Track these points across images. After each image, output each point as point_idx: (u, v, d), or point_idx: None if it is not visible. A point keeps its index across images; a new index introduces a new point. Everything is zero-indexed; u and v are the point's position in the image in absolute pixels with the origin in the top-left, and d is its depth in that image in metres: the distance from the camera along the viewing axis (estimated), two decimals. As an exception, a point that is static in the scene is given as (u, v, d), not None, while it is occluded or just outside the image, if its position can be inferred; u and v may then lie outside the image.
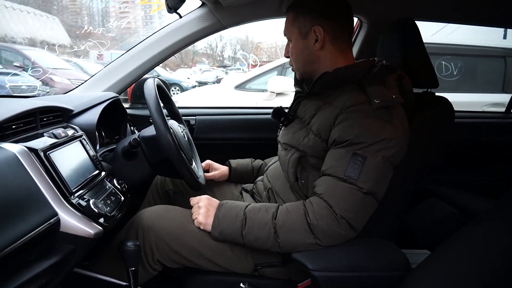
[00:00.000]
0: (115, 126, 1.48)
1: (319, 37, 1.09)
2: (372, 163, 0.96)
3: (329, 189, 0.98)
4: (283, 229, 0.99)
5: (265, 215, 1.02)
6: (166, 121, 1.14)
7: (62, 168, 0.89)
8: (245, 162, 1.53)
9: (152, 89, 1.18)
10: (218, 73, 14.58)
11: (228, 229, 1.05)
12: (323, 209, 0.97)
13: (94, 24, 17.01)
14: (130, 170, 1.23)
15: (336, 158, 1.00)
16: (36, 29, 12.50)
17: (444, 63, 3.67)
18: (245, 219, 1.03)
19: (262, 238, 1.01)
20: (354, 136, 0.97)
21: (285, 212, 1.02)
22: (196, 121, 1.81)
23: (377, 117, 0.98)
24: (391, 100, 1.00)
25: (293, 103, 1.22)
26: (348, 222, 0.96)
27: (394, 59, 1.23)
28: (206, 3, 1.48)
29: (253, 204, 1.08)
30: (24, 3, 14.47)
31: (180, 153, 1.17)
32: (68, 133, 1.01)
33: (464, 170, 1.96)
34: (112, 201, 1.00)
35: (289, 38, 1.17)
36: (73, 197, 0.86)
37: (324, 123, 1.04)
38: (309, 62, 1.13)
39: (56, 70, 6.63)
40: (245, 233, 1.03)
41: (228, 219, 1.05)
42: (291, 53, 1.16)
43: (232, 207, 1.07)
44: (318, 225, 0.96)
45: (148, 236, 1.09)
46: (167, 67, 13.98)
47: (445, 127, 1.22)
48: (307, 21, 1.10)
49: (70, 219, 0.83)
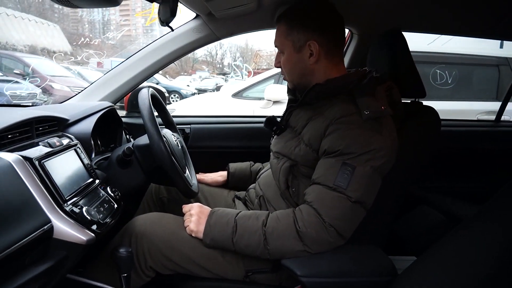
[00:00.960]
0: (111, 135, 1.51)
1: (314, 52, 1.10)
2: (361, 173, 0.99)
3: (318, 198, 1.00)
4: (272, 236, 1.01)
5: (255, 222, 1.04)
6: (159, 130, 1.17)
7: (56, 176, 0.91)
8: (244, 166, 1.55)
9: (146, 98, 1.21)
10: (217, 81, 14.65)
11: (219, 236, 1.07)
12: (312, 216, 0.99)
13: (95, 32, 17.07)
14: (124, 178, 1.25)
15: (326, 167, 1.02)
16: (37, 36, 12.59)
17: (439, 71, 3.71)
18: (235, 226, 1.05)
19: (252, 245, 1.03)
20: (344, 147, 0.99)
21: (275, 219, 1.04)
22: (191, 129, 1.84)
23: (367, 128, 1.01)
24: (380, 111, 1.03)
25: (285, 112, 1.24)
26: (336, 230, 0.98)
27: (383, 70, 1.26)
28: (200, 15, 1.52)
29: (244, 212, 1.10)
30: (25, 11, 14.58)
31: (173, 161, 1.20)
32: (63, 142, 1.04)
33: (454, 178, 1.98)
34: (105, 208, 1.02)
35: (281, 50, 1.17)
36: (66, 204, 0.89)
37: (315, 134, 1.06)
38: (303, 75, 1.15)
39: (56, 78, 6.68)
40: (235, 240, 1.04)
41: (219, 226, 1.07)
42: (284, 65, 1.17)
43: (223, 215, 1.09)
44: (307, 233, 0.98)
45: (141, 242, 1.11)
46: (167, 75, 14.06)
47: (432, 135, 1.24)
48: (301, 35, 1.10)
49: (63, 226, 0.85)
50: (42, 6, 17.16)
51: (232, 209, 1.16)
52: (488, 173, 1.90)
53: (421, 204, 1.70)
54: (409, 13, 1.53)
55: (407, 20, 1.58)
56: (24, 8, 14.29)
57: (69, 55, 10.85)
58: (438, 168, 1.89)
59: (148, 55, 1.61)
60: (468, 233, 0.84)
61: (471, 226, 0.85)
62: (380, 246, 1.12)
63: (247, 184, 1.48)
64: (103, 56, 7.49)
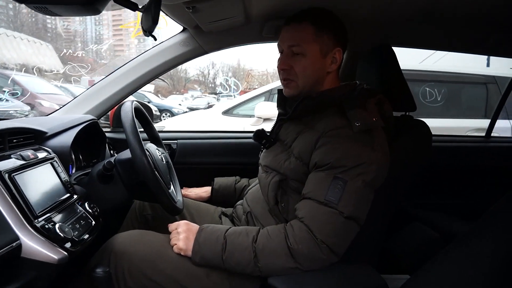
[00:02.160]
0: (94, 150, 1.46)
1: (337, 60, 1.09)
2: (352, 187, 0.95)
3: (309, 213, 0.96)
4: (263, 253, 0.97)
5: (245, 239, 1.00)
6: (142, 144, 1.13)
7: (28, 190, 0.86)
8: (229, 183, 1.51)
9: (129, 111, 1.17)
10: (209, 100, 14.69)
11: (209, 254, 1.02)
12: (304, 232, 0.95)
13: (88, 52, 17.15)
14: (105, 193, 1.20)
15: (317, 181, 0.98)
16: (28, 55, 12.59)
17: (428, 89, 3.76)
18: (225, 243, 1.00)
19: (243, 263, 0.99)
20: (334, 160, 0.96)
21: (265, 236, 0.99)
22: (177, 145, 1.80)
23: (358, 141, 0.98)
24: (371, 123, 1.00)
25: (275, 125, 1.21)
26: (328, 247, 0.94)
27: (373, 84, 1.25)
28: (187, 28, 1.50)
29: (234, 228, 1.05)
30: (18, 30, 14.61)
31: (156, 176, 1.15)
32: (38, 155, 0.99)
33: (447, 194, 1.96)
34: (81, 225, 0.97)
35: (302, 52, 1.08)
36: (37, 220, 0.83)
37: (305, 147, 1.03)
38: (318, 82, 1.11)
39: (46, 95, 6.64)
40: (225, 257, 1.00)
41: (209, 244, 1.02)
42: (304, 68, 1.08)
43: (212, 231, 1.05)
44: (299, 249, 0.94)
45: (121, 262, 1.05)
46: (159, 94, 14.09)
47: (424, 149, 1.22)
48: (331, 39, 1.08)
49: (32, 244, 0.80)
50: (35, 25, 17.25)
51: (221, 225, 1.11)
52: (479, 189, 1.88)
53: (413, 221, 1.67)
54: (398, 28, 1.54)
55: (397, 36, 1.58)
56: (16, 27, 14.33)
57: (60, 74, 10.84)
58: (429, 185, 1.87)
59: (135, 68, 1.58)
60: (462, 250, 0.81)
61: (465, 243, 0.83)
62: (372, 264, 1.08)
63: (231, 200, 1.44)
64: (87, 69, 7.45)
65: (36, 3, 0.79)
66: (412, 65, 3.70)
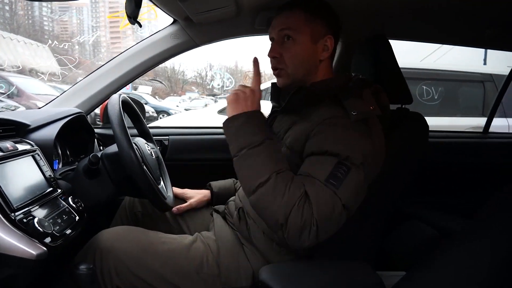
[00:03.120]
0: (82, 145, 1.42)
1: (329, 47, 1.05)
2: (355, 176, 0.90)
3: (314, 190, 0.87)
4: (276, 187, 0.87)
5: (271, 162, 0.90)
6: (129, 137, 1.09)
7: (5, 183, 0.82)
8: (228, 185, 1.43)
9: (116, 104, 1.14)
10: (207, 101, 14.67)
11: (233, 136, 0.95)
12: (309, 207, 0.86)
13: (85, 54, 17.16)
14: (91, 189, 1.16)
15: (317, 163, 0.91)
16: (25, 57, 12.55)
17: (425, 87, 3.74)
18: (258, 144, 0.91)
19: (246, 181, 0.92)
20: (334, 147, 0.90)
21: (286, 181, 0.88)
22: (169, 141, 1.76)
23: (356, 130, 0.93)
24: (368, 111, 0.96)
25: (269, 118, 1.17)
26: (317, 231, 0.85)
27: (368, 76, 1.22)
28: (177, 20, 1.47)
29: (275, 142, 0.95)
30: (14, 32, 14.58)
31: (143, 170, 1.11)
32: (19, 148, 0.95)
33: (444, 192, 1.93)
34: (63, 220, 0.92)
35: (293, 36, 1.03)
36: (14, 214, 0.79)
37: (298, 136, 0.99)
38: (309, 71, 1.06)
39: (41, 96, 6.59)
40: (241, 154, 0.92)
41: (243, 132, 0.93)
42: (294, 54, 1.04)
43: (259, 127, 0.94)
44: (298, 216, 0.84)
45: (107, 259, 1.01)
46: (156, 95, 14.07)
47: (420, 142, 1.20)
48: (323, 26, 1.04)
49: (9, 238, 0.76)
50: (32, 27, 17.23)
51: (269, 132, 0.98)
52: (476, 186, 1.85)
53: (410, 219, 1.64)
54: (393, 20, 1.52)
55: (392, 28, 1.56)
56: (13, 29, 14.29)
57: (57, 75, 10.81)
58: (426, 182, 1.84)
59: (125, 61, 1.54)
60: (457, 247, 0.80)
61: (460, 241, 0.82)
62: (369, 261, 1.05)
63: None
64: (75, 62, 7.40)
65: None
66: (410, 63, 3.68)
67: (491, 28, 1.51)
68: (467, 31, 1.58)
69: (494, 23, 1.48)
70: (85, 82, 1.56)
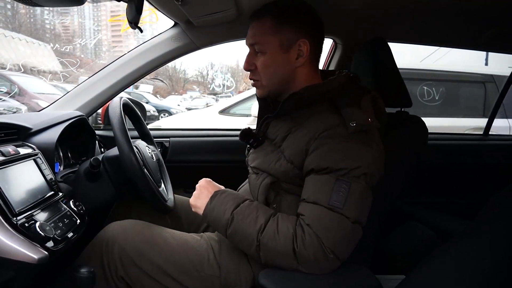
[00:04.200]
0: (83, 148, 1.43)
1: (304, 52, 1.01)
2: (357, 190, 0.90)
3: (316, 219, 0.90)
4: (267, 247, 0.92)
5: (251, 225, 0.94)
6: (129, 140, 1.10)
7: (7, 187, 0.83)
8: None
9: (117, 107, 1.15)
10: (208, 100, 14.64)
11: (215, 224, 0.99)
12: (313, 238, 0.89)
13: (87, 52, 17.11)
14: (92, 191, 1.18)
15: (318, 185, 0.93)
16: (27, 56, 12.55)
17: (426, 88, 3.73)
18: (231, 220, 0.96)
19: (244, 245, 0.96)
20: (334, 163, 0.91)
21: (273, 231, 0.92)
22: (170, 143, 1.77)
23: (354, 141, 0.92)
24: (367, 124, 0.95)
25: (261, 124, 1.14)
26: (335, 255, 0.89)
27: (367, 79, 1.22)
28: (178, 23, 1.47)
29: (245, 205, 0.98)
30: (16, 30, 14.57)
31: (144, 173, 1.12)
32: (21, 152, 0.96)
33: (444, 193, 1.94)
34: (64, 223, 0.93)
35: (261, 50, 1.02)
36: (16, 218, 0.80)
37: (297, 149, 0.97)
38: (285, 80, 1.04)
39: (43, 95, 6.60)
40: (229, 233, 0.96)
41: (216, 214, 0.98)
42: (265, 66, 1.03)
43: (223, 202, 0.99)
44: (305, 255, 0.89)
45: (112, 249, 1.02)
46: (157, 94, 14.06)
47: (419, 146, 1.20)
48: (292, 32, 1.00)
49: (10, 243, 0.76)
50: (33, 26, 17.22)
51: (236, 195, 1.03)
52: (477, 187, 1.85)
53: (409, 220, 1.64)
54: (393, 23, 1.52)
55: (392, 30, 1.56)
56: (14, 27, 14.28)
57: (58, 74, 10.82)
58: (426, 183, 1.85)
59: (126, 64, 1.55)
60: (457, 249, 0.80)
61: (459, 242, 0.82)
62: (367, 263, 1.05)
63: None
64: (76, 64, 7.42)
65: (18, -6, 0.76)
66: (410, 64, 3.67)
67: (489, 31, 1.51)
68: (465, 33, 1.58)
69: (492, 25, 1.48)
70: (87, 84, 1.56)
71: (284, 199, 1.03)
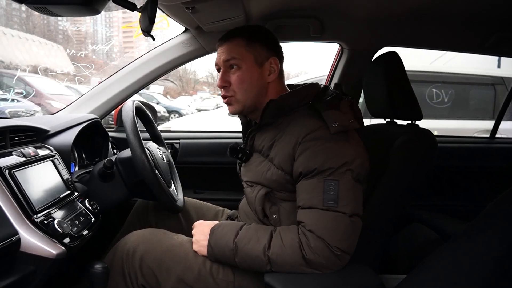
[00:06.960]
0: (97, 149, 1.48)
1: (275, 69, 1.09)
2: (345, 185, 0.95)
3: (316, 223, 0.95)
4: (278, 262, 0.96)
5: (256, 247, 0.98)
6: (142, 143, 1.14)
7: (28, 186, 0.88)
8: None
9: (130, 111, 1.19)
10: (218, 101, 14.68)
11: (222, 258, 1.03)
12: (318, 242, 0.94)
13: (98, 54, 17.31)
14: (105, 191, 1.22)
15: (309, 189, 0.98)
16: (40, 57, 12.76)
17: (435, 90, 3.72)
18: (235, 250, 1.00)
19: (257, 268, 0.99)
20: (319, 164, 0.96)
21: (279, 245, 0.97)
22: (180, 144, 1.82)
23: (336, 140, 0.98)
24: (348, 124, 1.00)
25: (247, 137, 1.18)
26: (343, 251, 0.94)
27: (379, 92, 1.26)
28: (189, 29, 1.52)
29: (244, 231, 1.03)
30: (30, 32, 14.79)
31: (155, 175, 1.16)
32: (40, 153, 1.01)
33: (448, 195, 1.94)
34: (80, 221, 0.98)
35: (237, 64, 1.07)
36: (36, 216, 0.85)
37: (284, 156, 1.02)
38: (260, 94, 1.10)
39: (56, 96, 6.71)
40: (238, 261, 1.00)
41: (219, 249, 1.03)
42: (241, 81, 1.07)
43: (222, 235, 1.04)
44: (316, 259, 0.94)
45: (133, 259, 1.06)
46: (168, 95, 14.14)
47: (428, 158, 1.22)
48: (263, 50, 1.08)
49: (31, 239, 0.81)
50: (46, 27, 17.46)
51: (232, 224, 1.08)
52: (482, 190, 1.85)
53: (412, 222, 1.66)
54: (399, 28, 1.54)
55: (398, 36, 1.58)
56: (28, 29, 14.52)
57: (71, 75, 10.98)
58: (432, 186, 1.86)
59: (138, 68, 1.60)
60: (457, 248, 0.81)
61: (459, 242, 0.82)
62: (374, 265, 1.08)
63: None
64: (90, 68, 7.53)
65: (35, 3, 0.81)
66: (419, 66, 3.66)
67: (494, 36, 1.52)
68: (470, 38, 1.59)
69: (497, 31, 1.50)
70: (100, 88, 1.62)
71: (282, 208, 1.07)
